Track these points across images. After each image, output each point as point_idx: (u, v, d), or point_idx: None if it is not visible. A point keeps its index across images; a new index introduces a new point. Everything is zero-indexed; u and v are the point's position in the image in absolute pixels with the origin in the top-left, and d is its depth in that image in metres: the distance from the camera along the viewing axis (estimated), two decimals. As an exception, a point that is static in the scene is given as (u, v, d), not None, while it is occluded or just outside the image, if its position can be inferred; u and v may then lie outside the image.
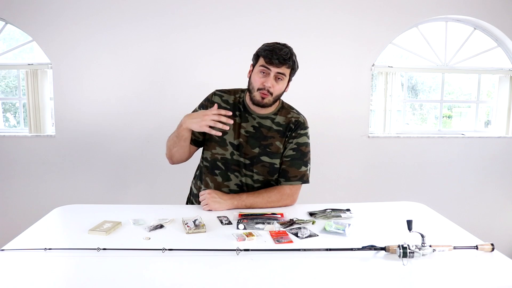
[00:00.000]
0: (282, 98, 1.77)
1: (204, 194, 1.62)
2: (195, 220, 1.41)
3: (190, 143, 1.71)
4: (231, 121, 1.55)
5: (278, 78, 1.59)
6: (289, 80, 1.66)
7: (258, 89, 1.60)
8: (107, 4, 2.88)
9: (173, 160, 1.75)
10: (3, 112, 3.25)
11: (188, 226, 1.38)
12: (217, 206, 1.59)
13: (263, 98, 1.60)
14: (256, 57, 1.63)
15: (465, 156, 3.20)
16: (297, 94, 2.97)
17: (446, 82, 3.36)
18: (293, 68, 1.62)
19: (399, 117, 3.29)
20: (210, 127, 1.54)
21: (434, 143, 3.19)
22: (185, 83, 2.95)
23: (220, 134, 1.57)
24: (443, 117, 3.44)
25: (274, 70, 1.57)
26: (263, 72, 1.59)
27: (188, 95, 2.92)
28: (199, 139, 1.73)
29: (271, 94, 1.60)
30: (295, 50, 1.65)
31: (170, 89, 2.97)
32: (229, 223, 1.45)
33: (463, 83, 3.55)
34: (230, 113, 1.55)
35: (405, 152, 3.17)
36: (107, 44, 2.91)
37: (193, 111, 1.74)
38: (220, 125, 1.53)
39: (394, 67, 3.14)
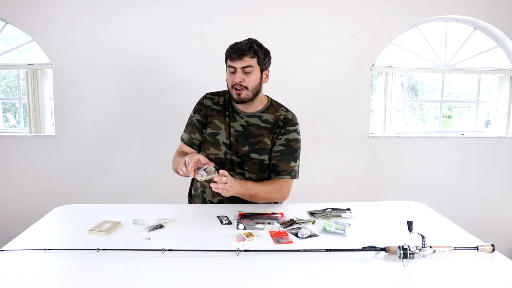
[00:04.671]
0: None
1: (222, 180, 1.47)
2: (206, 167, 1.43)
3: (194, 148, 1.75)
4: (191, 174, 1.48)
5: (246, 72, 1.62)
6: (263, 70, 1.67)
7: (232, 87, 1.64)
8: (107, 4, 2.88)
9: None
10: (3, 112, 3.25)
11: (200, 175, 1.41)
12: (225, 193, 1.51)
13: (238, 95, 1.63)
14: (226, 60, 1.69)
15: (465, 156, 3.20)
16: (297, 93, 2.98)
17: (446, 82, 3.35)
18: (259, 57, 1.63)
19: (399, 117, 3.29)
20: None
21: (434, 143, 3.19)
22: (186, 83, 2.95)
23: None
24: (443, 117, 3.44)
25: (238, 65, 1.61)
26: (232, 72, 1.64)
27: (188, 95, 2.90)
28: (200, 143, 1.76)
29: (246, 88, 1.62)
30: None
31: (170, 89, 2.97)
32: (229, 223, 1.45)
33: (463, 83, 3.54)
34: (191, 174, 1.48)
35: (405, 152, 3.17)
36: (107, 44, 2.91)
37: (189, 117, 1.79)
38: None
39: (394, 67, 3.14)
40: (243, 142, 1.70)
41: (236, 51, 1.60)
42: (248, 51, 1.60)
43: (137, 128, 3.00)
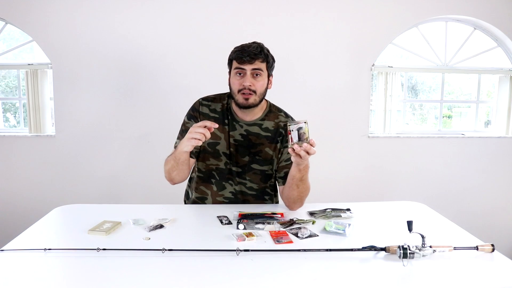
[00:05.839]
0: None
1: (310, 151, 1.38)
2: (300, 128, 1.32)
3: (190, 156, 1.64)
4: (216, 125, 1.47)
5: (256, 74, 1.56)
6: (270, 75, 1.63)
7: (239, 91, 1.56)
8: (107, 4, 2.88)
9: (174, 182, 1.68)
10: (3, 112, 3.25)
11: (291, 140, 1.33)
12: (299, 159, 1.40)
13: (246, 99, 1.56)
14: (230, 62, 1.62)
15: (465, 156, 3.20)
16: (297, 94, 2.99)
17: (446, 82, 3.35)
18: (268, 62, 1.59)
19: (399, 117, 3.29)
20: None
21: (434, 143, 3.19)
22: (186, 83, 2.95)
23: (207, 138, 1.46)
24: (443, 117, 3.44)
25: (248, 68, 1.54)
26: (239, 74, 1.56)
27: (188, 95, 2.91)
28: (198, 151, 1.67)
29: (255, 92, 1.56)
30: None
31: (170, 89, 2.97)
32: (229, 223, 1.45)
33: (463, 83, 3.55)
34: (216, 125, 1.48)
35: (405, 152, 3.17)
36: (107, 44, 2.91)
37: (183, 123, 1.69)
38: (207, 135, 1.45)
39: (394, 67, 3.14)
40: (243, 152, 1.65)
41: (248, 54, 1.53)
42: (259, 55, 1.55)
43: (137, 128, 3.00)
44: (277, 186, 1.75)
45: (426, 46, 3.20)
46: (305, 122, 1.35)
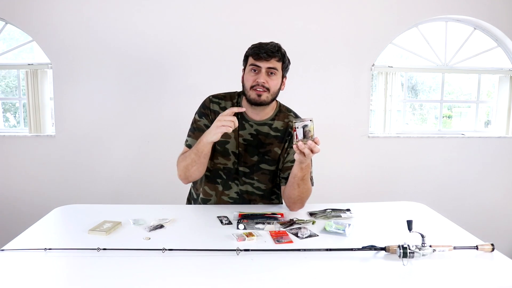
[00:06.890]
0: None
1: (315, 149, 1.40)
2: (305, 126, 1.33)
3: None
4: (244, 109, 1.53)
5: (271, 73, 1.55)
6: (283, 77, 1.62)
7: (252, 87, 1.55)
8: (108, 4, 2.88)
9: (189, 180, 1.66)
10: (3, 112, 3.25)
11: (296, 137, 1.33)
12: (303, 157, 1.41)
13: (259, 96, 1.55)
14: (245, 58, 1.61)
15: (465, 156, 3.20)
16: (298, 94, 2.98)
17: (446, 82, 3.35)
18: (284, 62, 1.58)
19: (399, 117, 3.29)
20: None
21: (434, 143, 3.19)
22: (187, 83, 2.95)
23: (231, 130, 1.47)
24: (443, 117, 3.44)
25: (264, 65, 1.54)
26: (254, 70, 1.56)
27: (188, 95, 2.92)
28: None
29: (268, 90, 1.55)
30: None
31: (170, 89, 2.97)
32: (229, 223, 1.45)
33: (463, 83, 3.55)
34: (244, 109, 1.53)
35: (405, 152, 3.17)
36: (107, 44, 2.91)
37: (194, 121, 1.67)
38: (236, 123, 1.46)
39: (394, 67, 3.14)
40: (252, 152, 1.64)
41: (265, 51, 1.53)
42: (277, 53, 1.54)
43: (137, 128, 3.00)
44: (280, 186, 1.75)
45: (426, 46, 3.20)
46: (310, 120, 1.36)
